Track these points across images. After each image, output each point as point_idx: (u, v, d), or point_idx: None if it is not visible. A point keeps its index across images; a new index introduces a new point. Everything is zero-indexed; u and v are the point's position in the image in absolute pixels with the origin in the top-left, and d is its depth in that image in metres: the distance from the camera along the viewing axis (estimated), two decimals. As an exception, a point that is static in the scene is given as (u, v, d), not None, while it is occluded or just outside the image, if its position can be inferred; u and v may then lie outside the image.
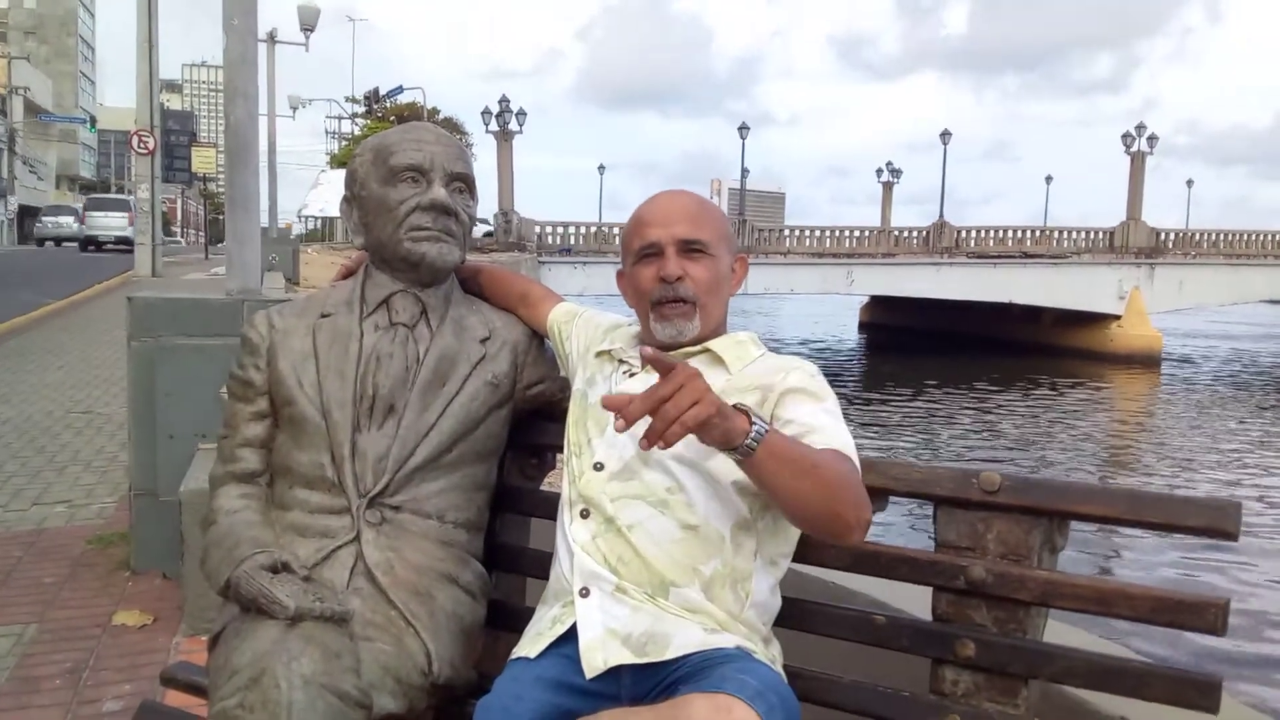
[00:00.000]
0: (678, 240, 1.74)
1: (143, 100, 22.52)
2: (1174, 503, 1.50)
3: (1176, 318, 40.70)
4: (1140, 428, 23.12)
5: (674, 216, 1.77)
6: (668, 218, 1.77)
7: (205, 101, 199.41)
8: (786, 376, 1.66)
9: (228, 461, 1.90)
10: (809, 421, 1.57)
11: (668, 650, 1.51)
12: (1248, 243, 43.11)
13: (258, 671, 1.47)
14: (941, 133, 45.41)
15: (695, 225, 1.76)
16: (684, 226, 1.75)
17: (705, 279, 1.74)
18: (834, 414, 1.62)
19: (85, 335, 12.96)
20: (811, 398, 1.63)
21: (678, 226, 1.75)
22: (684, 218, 1.76)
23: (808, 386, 1.65)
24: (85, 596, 3.91)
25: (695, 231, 1.75)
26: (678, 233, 1.74)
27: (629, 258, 1.82)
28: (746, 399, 1.61)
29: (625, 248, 1.84)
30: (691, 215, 1.77)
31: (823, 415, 1.59)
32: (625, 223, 1.85)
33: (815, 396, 1.63)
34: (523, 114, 39.06)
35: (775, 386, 1.64)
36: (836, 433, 1.57)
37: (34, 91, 66.74)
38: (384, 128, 5.44)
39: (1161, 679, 1.45)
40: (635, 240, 1.79)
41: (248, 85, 4.78)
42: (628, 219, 1.85)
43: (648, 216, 1.79)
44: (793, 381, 1.65)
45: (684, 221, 1.76)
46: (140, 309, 4.16)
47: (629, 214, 1.85)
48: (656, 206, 1.80)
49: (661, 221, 1.76)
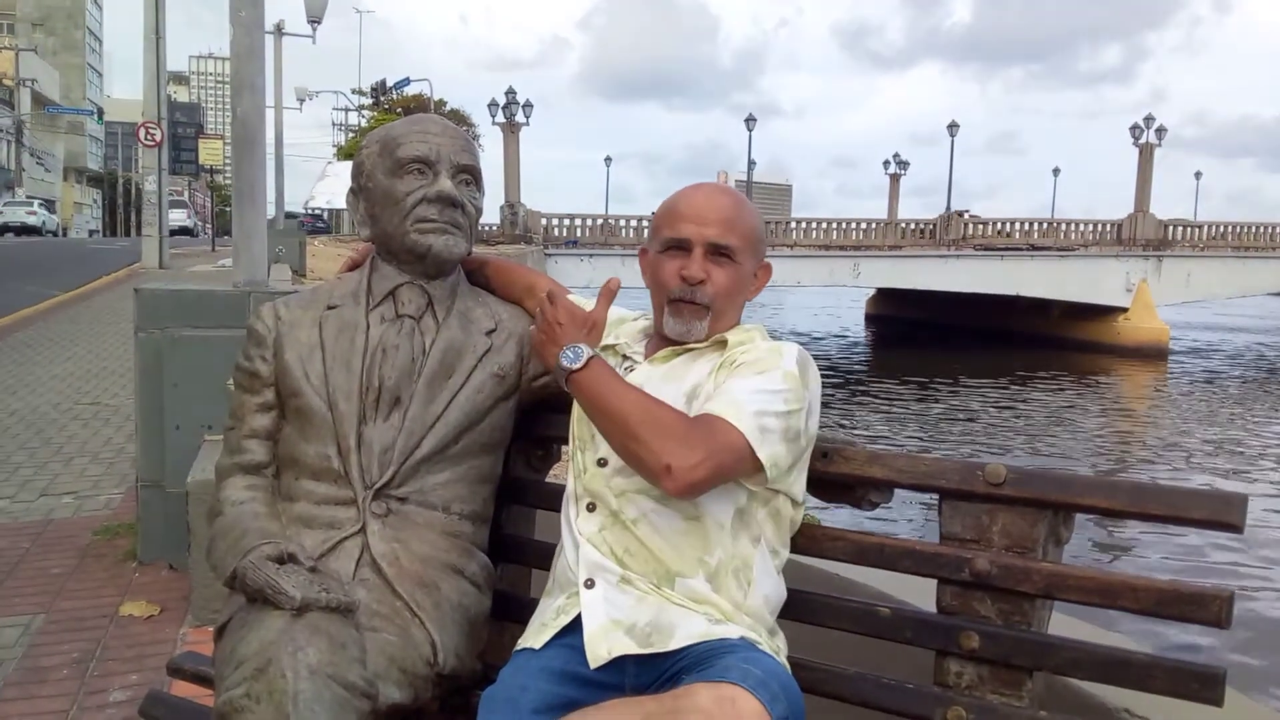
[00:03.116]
0: (707, 242, 1.73)
1: (150, 92, 22.53)
2: (1179, 495, 1.50)
3: (1184, 310, 40.59)
4: (1146, 421, 23.08)
5: (710, 217, 1.75)
6: (703, 216, 1.75)
7: (212, 93, 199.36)
8: (749, 352, 1.67)
9: (234, 453, 1.91)
10: (716, 391, 1.61)
11: (672, 640, 1.52)
12: (1256, 235, 42.97)
13: (264, 662, 1.48)
14: (949, 124, 45.27)
15: (728, 230, 1.74)
16: (717, 229, 1.73)
17: (726, 285, 1.74)
18: (763, 379, 1.60)
19: (92, 327, 13.00)
20: (751, 367, 1.64)
21: (711, 229, 1.73)
22: (719, 220, 1.74)
23: (762, 360, 1.65)
24: (92, 587, 3.93)
25: (726, 236, 1.74)
26: (709, 234, 1.73)
27: (656, 241, 1.80)
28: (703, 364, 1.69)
29: (655, 229, 1.82)
30: (727, 219, 1.75)
31: (742, 383, 1.60)
32: (659, 206, 1.83)
33: (755, 366, 1.64)
34: (529, 106, 39.04)
35: (736, 360, 1.66)
36: (736, 396, 1.58)
37: (41, 83, 66.84)
38: (391, 120, 5.44)
39: (1165, 671, 1.45)
40: (666, 229, 1.78)
41: (255, 78, 4.79)
42: (663, 201, 1.83)
43: (685, 210, 1.77)
44: (748, 357, 1.66)
45: (718, 224, 1.74)
46: (147, 301, 4.17)
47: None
48: (695, 202, 1.78)
49: (696, 219, 1.75)
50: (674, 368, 1.74)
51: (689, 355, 1.75)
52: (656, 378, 1.72)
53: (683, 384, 1.69)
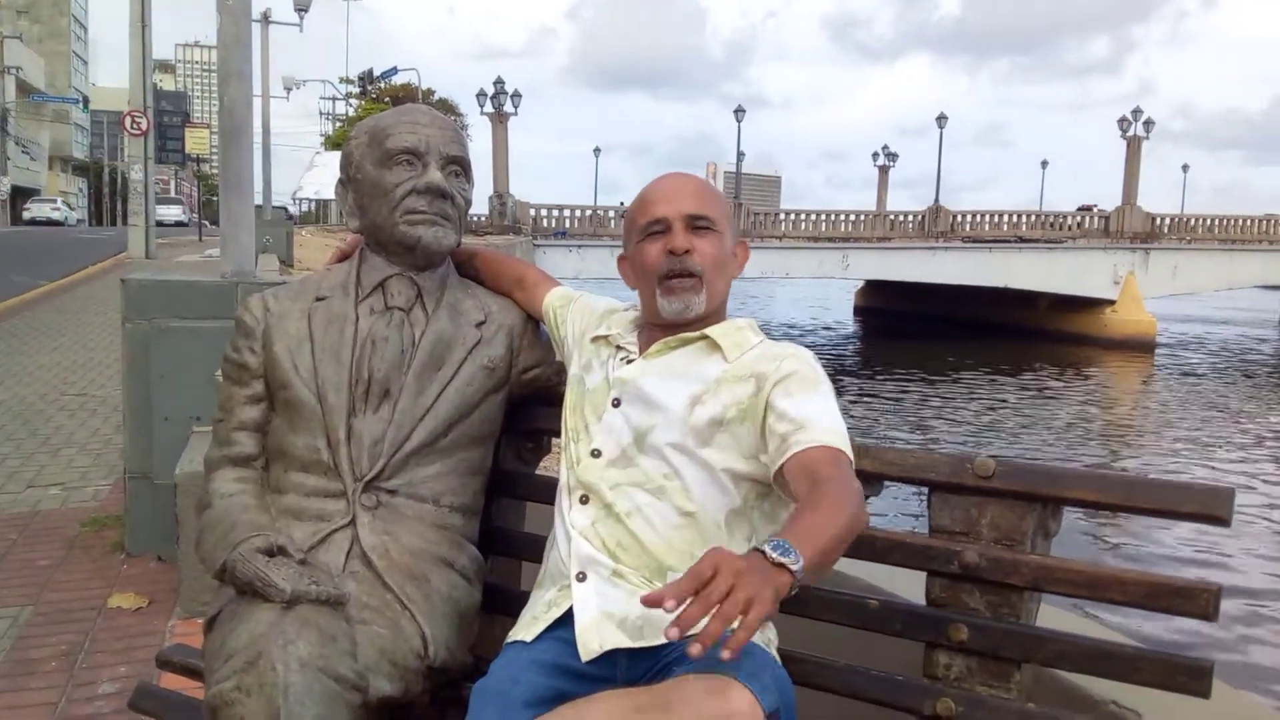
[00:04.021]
0: (685, 215, 1.74)
1: (136, 81, 22.42)
2: (1167, 488, 1.51)
3: (1172, 303, 40.77)
4: (1134, 413, 23.19)
5: (681, 194, 1.77)
6: (675, 195, 1.77)
7: (199, 82, 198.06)
8: (780, 364, 1.66)
9: (223, 445, 1.90)
10: (798, 416, 1.57)
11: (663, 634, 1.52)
12: (1243, 228, 43.15)
13: (254, 654, 1.48)
14: (937, 116, 45.34)
15: (702, 202, 1.77)
16: (691, 203, 1.76)
17: (712, 254, 1.75)
18: (827, 398, 1.63)
19: (79, 317, 12.94)
20: (804, 384, 1.63)
21: (685, 203, 1.76)
22: (691, 195, 1.77)
23: (801, 372, 1.65)
24: (80, 579, 3.91)
25: (702, 208, 1.76)
26: (685, 208, 1.75)
27: (634, 236, 1.81)
28: (741, 389, 1.64)
29: (629, 228, 1.83)
30: (697, 193, 1.78)
31: (813, 405, 1.60)
32: (628, 207, 1.85)
33: (808, 382, 1.64)
34: (518, 96, 38.89)
35: (769, 375, 1.65)
36: (827, 423, 1.57)
37: (26, 71, 66.28)
38: (379, 109, 5.41)
39: (1153, 663, 1.46)
40: (641, 218, 1.79)
41: (242, 66, 4.76)
42: (631, 203, 1.85)
43: (654, 195, 1.79)
44: (786, 368, 1.65)
45: (691, 198, 1.76)
46: (134, 291, 4.15)
47: (623, 197, 1.85)
48: (663, 186, 1.81)
49: (668, 199, 1.77)
50: (671, 363, 1.74)
51: (685, 351, 1.74)
52: (654, 373, 1.72)
53: (686, 385, 1.68)
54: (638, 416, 1.69)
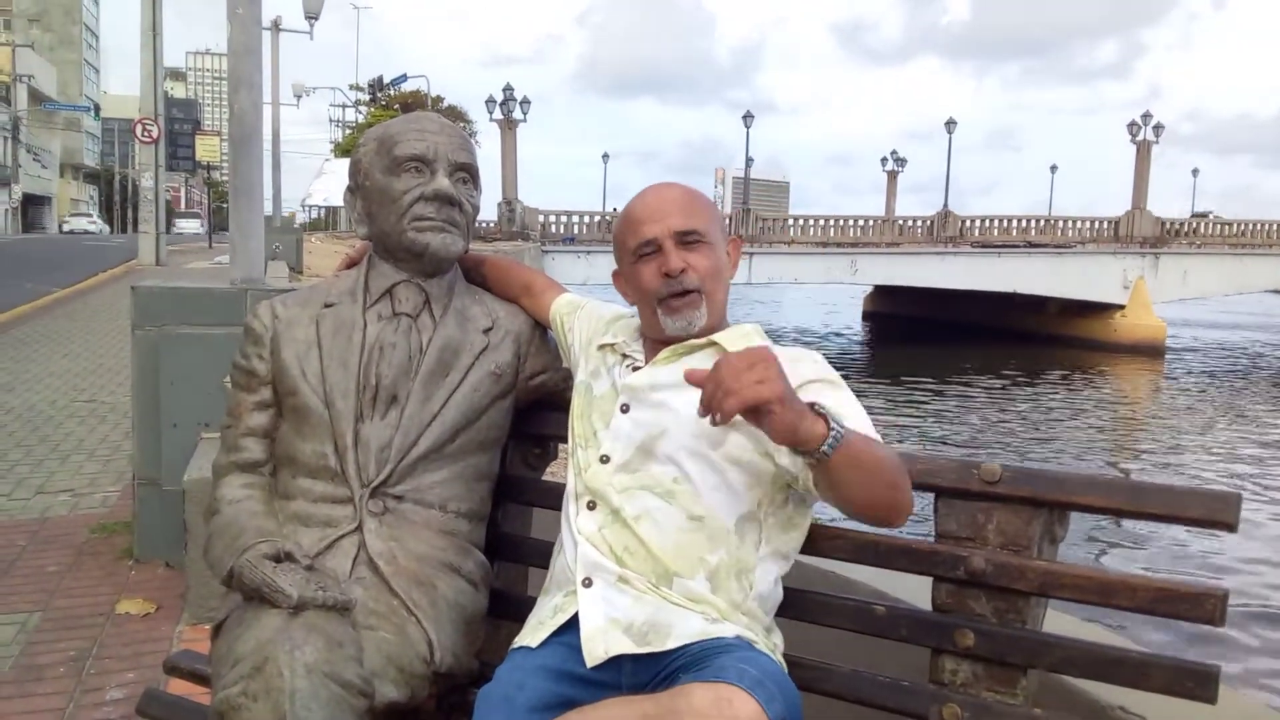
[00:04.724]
0: (674, 233, 1.73)
1: (147, 88, 22.52)
2: (1174, 493, 1.50)
3: (1181, 308, 40.63)
4: (1142, 418, 23.10)
5: (666, 210, 1.76)
6: (660, 212, 1.76)
7: (209, 89, 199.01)
8: (797, 367, 1.63)
9: (231, 451, 1.91)
10: (837, 411, 1.54)
11: (669, 640, 1.52)
12: (1253, 233, 42.98)
13: (261, 660, 1.48)
14: (946, 121, 45.25)
15: (688, 215, 1.75)
16: (678, 218, 1.74)
17: (707, 267, 1.74)
18: (852, 398, 1.62)
19: (89, 324, 12.99)
20: (830, 386, 1.63)
21: (672, 219, 1.74)
22: (676, 209, 1.76)
23: (824, 375, 1.65)
24: (88, 585, 3.92)
25: (690, 221, 1.74)
26: (673, 225, 1.73)
27: (625, 256, 1.80)
28: None
29: (620, 246, 1.82)
30: (683, 206, 1.76)
31: (847, 404, 1.60)
32: (615, 224, 1.84)
33: (833, 385, 1.64)
34: (527, 103, 38.92)
35: (808, 376, 1.64)
36: (864, 420, 1.57)
37: (38, 79, 66.71)
38: (388, 116, 5.43)
39: (1160, 669, 1.45)
40: (630, 238, 1.78)
41: (252, 74, 4.77)
42: (618, 219, 1.84)
43: (640, 213, 1.78)
44: (806, 372, 1.64)
45: (677, 213, 1.75)
46: (144, 298, 4.17)
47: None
48: (646, 202, 1.79)
49: (654, 216, 1.75)
50: (679, 370, 1.72)
51: (693, 358, 1.72)
52: (663, 379, 1.71)
53: (695, 389, 1.67)
54: (647, 421, 1.69)
